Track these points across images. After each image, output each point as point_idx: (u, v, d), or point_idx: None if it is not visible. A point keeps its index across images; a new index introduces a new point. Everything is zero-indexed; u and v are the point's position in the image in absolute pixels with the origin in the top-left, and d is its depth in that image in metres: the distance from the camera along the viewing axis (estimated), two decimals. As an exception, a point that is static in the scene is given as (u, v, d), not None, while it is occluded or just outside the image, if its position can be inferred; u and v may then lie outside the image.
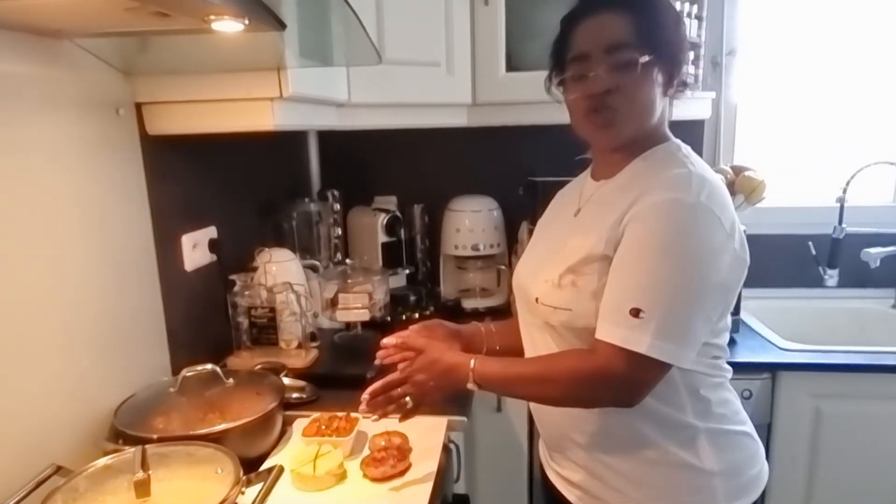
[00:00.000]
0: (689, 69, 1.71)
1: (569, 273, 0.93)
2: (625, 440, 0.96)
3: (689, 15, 1.70)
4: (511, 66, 1.72)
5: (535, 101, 1.71)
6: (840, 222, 1.93)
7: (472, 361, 0.95)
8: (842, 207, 1.92)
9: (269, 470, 0.89)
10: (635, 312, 0.84)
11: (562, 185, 1.63)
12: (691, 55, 0.99)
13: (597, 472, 0.99)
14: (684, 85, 0.98)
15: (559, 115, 1.71)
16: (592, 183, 1.04)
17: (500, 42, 1.70)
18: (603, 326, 0.87)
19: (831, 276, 1.98)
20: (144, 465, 0.85)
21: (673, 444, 0.95)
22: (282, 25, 0.87)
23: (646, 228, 0.86)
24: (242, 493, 0.84)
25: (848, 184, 1.90)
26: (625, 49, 0.90)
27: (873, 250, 1.92)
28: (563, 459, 1.05)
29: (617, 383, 0.87)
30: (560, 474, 1.06)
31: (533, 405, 1.10)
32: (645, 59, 0.89)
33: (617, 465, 0.97)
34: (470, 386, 0.95)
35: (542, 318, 0.98)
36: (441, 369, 0.98)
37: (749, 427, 1.03)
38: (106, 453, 0.92)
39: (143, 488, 0.83)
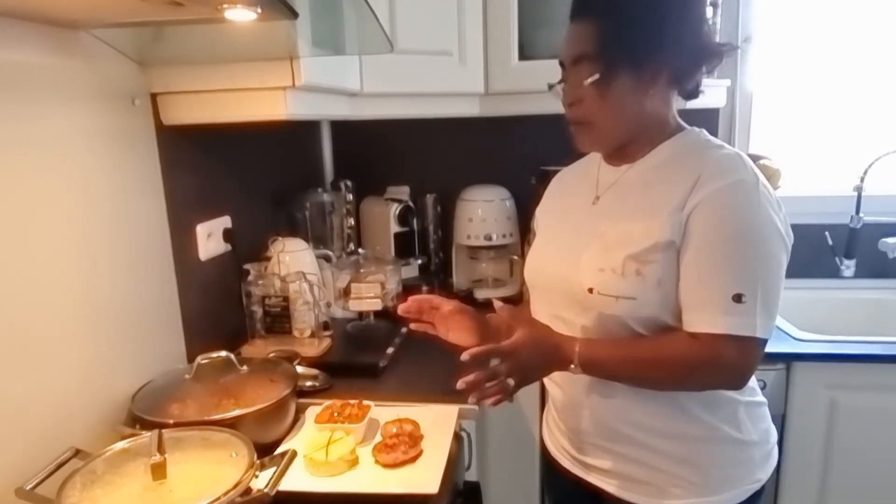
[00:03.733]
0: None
1: (632, 261, 0.91)
2: (673, 422, 0.96)
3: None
4: (524, 54, 1.71)
5: (547, 90, 1.72)
6: (857, 212, 1.90)
7: (578, 344, 0.92)
8: (859, 196, 1.90)
9: (283, 454, 0.90)
10: (737, 298, 0.86)
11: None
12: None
13: (642, 458, 0.98)
14: (693, 70, 0.96)
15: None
16: (610, 168, 1.03)
17: (512, 31, 1.69)
18: (705, 318, 0.87)
19: (848, 266, 1.96)
20: (161, 449, 0.86)
21: (719, 420, 0.97)
22: (294, 14, 0.87)
23: (719, 213, 0.87)
24: (256, 476, 0.85)
25: (866, 172, 1.88)
26: (585, 61, 0.92)
27: (891, 240, 1.90)
28: (599, 452, 1.03)
29: (730, 370, 0.90)
30: (595, 467, 1.04)
31: (559, 403, 1.08)
32: (593, 78, 0.91)
33: (665, 447, 0.97)
34: (573, 368, 0.92)
35: (597, 310, 0.95)
36: (544, 350, 0.93)
37: (764, 398, 1.07)
38: (123, 437, 0.94)
39: (159, 471, 0.84)
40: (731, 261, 0.87)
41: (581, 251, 0.98)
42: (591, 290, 0.94)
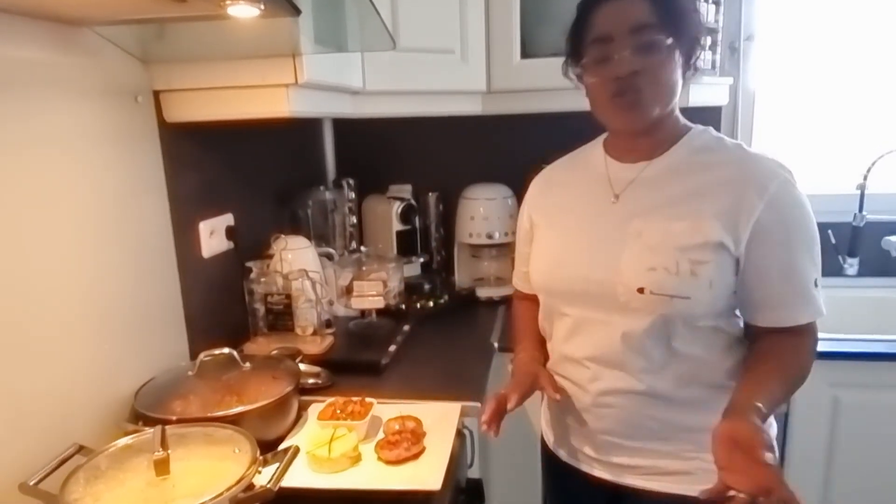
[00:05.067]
0: (706, 55, 1.70)
1: (685, 260, 0.91)
2: (699, 414, 0.96)
3: (706, 0, 1.68)
4: (526, 53, 1.71)
5: (550, 88, 1.72)
6: (860, 210, 1.90)
7: (751, 411, 0.84)
8: (862, 195, 1.89)
9: (286, 450, 0.90)
10: (815, 283, 0.94)
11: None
12: (708, 40, 1.00)
13: (672, 450, 0.99)
14: (696, 69, 0.99)
15: (574, 102, 1.70)
16: (623, 166, 1.02)
17: (514, 29, 1.68)
18: (803, 309, 0.94)
19: (851, 264, 1.95)
20: (164, 445, 0.86)
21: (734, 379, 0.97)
22: (297, 11, 0.87)
23: (782, 213, 0.91)
24: (259, 472, 0.85)
25: (869, 171, 1.87)
26: (649, 30, 0.90)
27: (895, 238, 1.90)
28: (625, 449, 1.02)
29: (816, 352, 0.97)
30: (620, 464, 1.03)
31: (583, 405, 1.04)
32: (669, 41, 0.91)
33: (693, 438, 0.97)
34: (768, 427, 0.86)
35: (646, 310, 0.94)
36: (747, 439, 0.79)
37: None
38: (126, 433, 0.94)
39: (162, 467, 0.85)
40: (809, 252, 0.93)
41: (617, 251, 0.96)
42: (641, 290, 0.93)
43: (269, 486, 0.83)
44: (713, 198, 0.92)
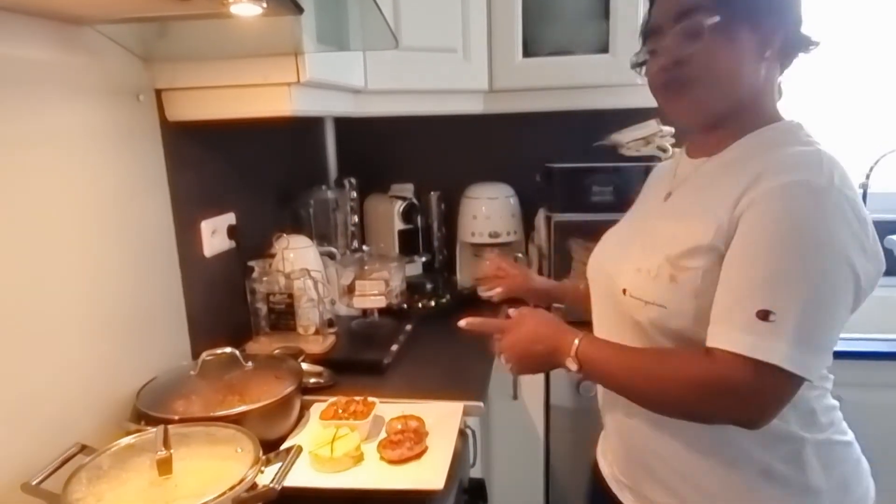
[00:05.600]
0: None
1: (667, 264, 0.81)
2: (721, 454, 0.83)
3: None
4: (528, 51, 1.71)
5: (552, 86, 1.72)
6: (863, 209, 1.89)
7: (577, 340, 0.84)
8: (865, 193, 1.89)
9: (288, 450, 0.90)
10: (763, 315, 0.70)
11: (579, 171, 1.64)
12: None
13: (683, 494, 0.86)
14: (797, 47, 0.85)
15: (576, 101, 1.72)
16: (688, 161, 0.93)
17: (516, 27, 1.68)
18: (722, 332, 0.74)
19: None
20: (166, 444, 0.86)
21: (776, 459, 0.82)
22: (299, 9, 0.87)
23: (770, 215, 0.73)
24: (262, 472, 0.85)
25: (871, 169, 1.87)
26: (693, 13, 0.80)
27: (897, 238, 1.89)
28: (642, 477, 0.92)
29: (742, 400, 0.73)
30: (640, 493, 0.93)
31: (610, 408, 0.98)
32: (713, 20, 0.78)
33: (709, 484, 0.84)
34: (569, 363, 0.84)
35: (628, 313, 0.87)
36: (543, 336, 0.88)
37: (852, 437, 0.91)
38: (129, 433, 0.94)
39: (164, 466, 0.84)
40: (768, 269, 0.72)
41: (629, 250, 0.91)
42: (624, 292, 0.87)
43: (271, 485, 0.82)
44: (719, 193, 0.80)
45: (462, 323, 0.93)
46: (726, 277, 0.76)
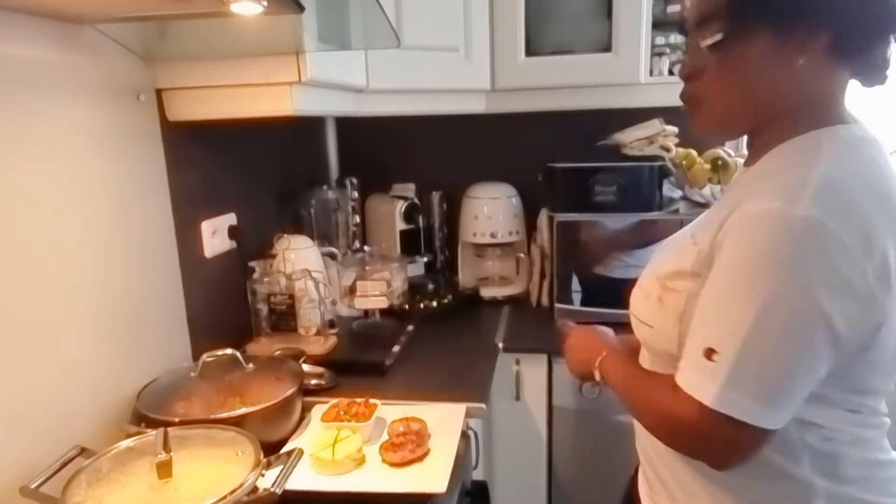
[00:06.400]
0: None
1: (658, 284, 0.79)
2: (719, 486, 0.77)
3: None
4: (530, 50, 1.70)
5: (554, 86, 1.72)
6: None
7: (601, 356, 0.88)
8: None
9: (289, 453, 0.89)
10: (709, 353, 0.67)
11: (582, 171, 1.63)
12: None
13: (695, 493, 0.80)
14: (863, 44, 0.71)
15: (578, 100, 1.71)
16: (741, 170, 0.85)
17: (519, 26, 1.67)
18: (681, 366, 0.72)
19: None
20: (166, 447, 0.85)
21: (784, 497, 0.75)
22: (300, 8, 0.86)
23: (733, 245, 0.68)
24: (263, 475, 0.84)
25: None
26: (710, 22, 0.72)
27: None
28: (660, 494, 0.87)
29: (695, 439, 0.71)
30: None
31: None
32: (715, 38, 0.71)
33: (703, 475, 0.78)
34: (595, 374, 0.88)
35: (636, 331, 0.87)
36: (584, 346, 0.94)
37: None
38: (129, 436, 0.93)
39: (165, 469, 0.83)
40: (718, 306, 0.69)
41: (647, 268, 0.88)
42: (628, 307, 0.87)
43: (273, 489, 0.82)
44: (712, 218, 0.74)
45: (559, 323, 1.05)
46: (696, 311, 0.72)
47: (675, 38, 1.64)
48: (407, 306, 1.70)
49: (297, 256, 1.50)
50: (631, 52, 1.62)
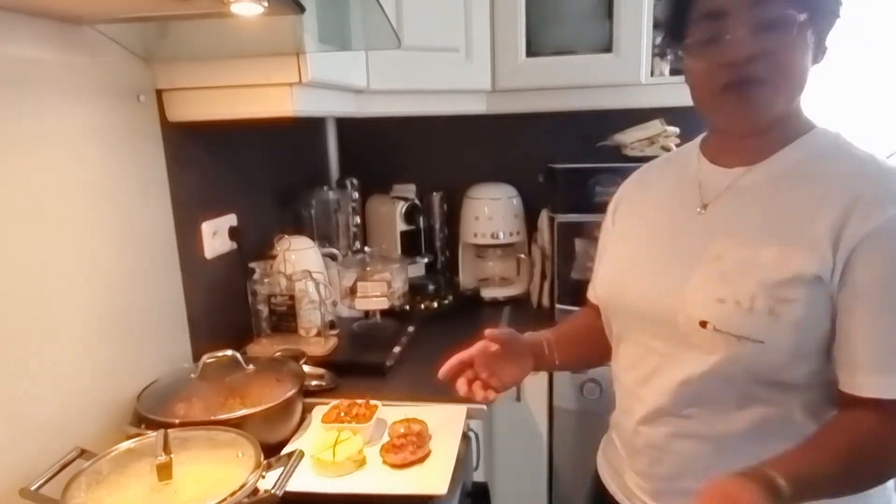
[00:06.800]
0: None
1: (764, 295, 0.73)
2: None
3: None
4: (531, 51, 1.70)
5: (555, 86, 1.71)
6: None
7: (776, 474, 0.66)
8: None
9: (290, 454, 0.89)
10: None
11: (582, 172, 1.63)
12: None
13: None
14: (825, 51, 0.79)
15: (580, 101, 1.71)
16: (719, 170, 0.85)
17: (520, 27, 1.67)
18: (872, 378, 0.71)
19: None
20: (167, 449, 0.85)
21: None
22: (301, 8, 0.86)
23: (891, 257, 0.70)
24: (263, 476, 0.84)
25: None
26: (776, 3, 0.72)
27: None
28: (671, 496, 0.85)
29: None
30: None
31: (638, 447, 0.88)
32: (803, 16, 0.71)
33: None
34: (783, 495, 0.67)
35: (708, 349, 0.77)
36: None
37: None
38: (129, 437, 0.93)
39: (165, 471, 0.83)
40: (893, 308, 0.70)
41: (687, 274, 0.80)
42: (703, 325, 0.76)
43: (273, 490, 0.82)
44: (815, 218, 0.73)
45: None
46: (871, 320, 0.71)
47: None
48: (407, 307, 1.70)
49: (298, 257, 1.50)
50: (632, 53, 1.62)
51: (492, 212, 1.90)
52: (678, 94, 0.81)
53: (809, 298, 0.72)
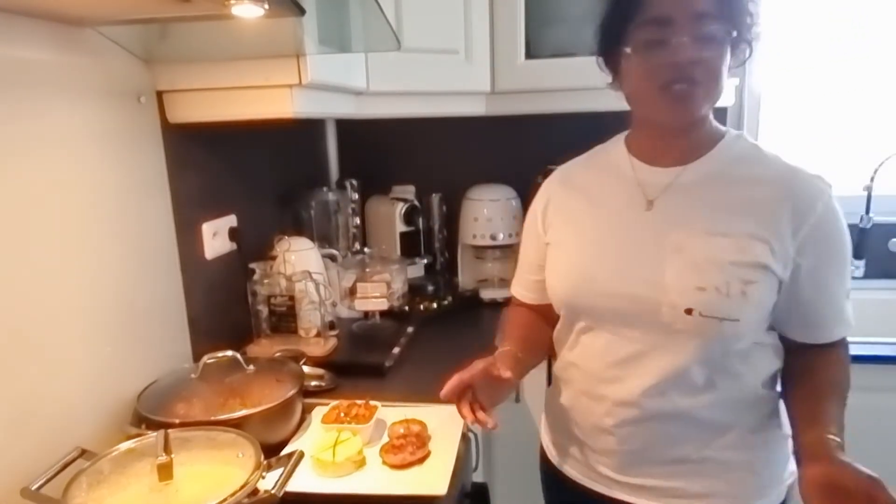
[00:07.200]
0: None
1: (736, 280, 0.86)
2: (732, 433, 0.93)
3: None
4: (530, 53, 1.70)
5: (554, 88, 1.72)
6: (867, 212, 1.89)
7: (824, 434, 0.82)
8: (869, 196, 1.88)
9: (290, 455, 0.89)
10: (847, 295, 0.93)
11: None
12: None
13: (702, 471, 0.94)
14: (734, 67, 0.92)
15: (579, 103, 1.71)
16: (657, 169, 0.95)
17: (519, 29, 1.68)
18: (838, 326, 0.93)
19: (857, 266, 1.94)
20: (167, 449, 0.85)
21: (769, 419, 0.96)
22: (301, 11, 0.86)
23: (837, 233, 0.89)
24: (263, 477, 0.84)
25: (876, 172, 1.86)
26: (712, 20, 0.84)
27: (901, 240, 1.89)
28: (646, 472, 0.96)
29: None
30: (641, 486, 0.97)
31: (608, 425, 0.96)
32: (734, 33, 0.86)
33: (724, 457, 0.93)
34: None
35: (691, 333, 0.88)
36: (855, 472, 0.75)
37: None
38: (129, 437, 0.93)
39: (165, 471, 0.84)
40: (845, 269, 0.92)
41: (658, 267, 0.89)
42: (689, 312, 0.86)
43: (273, 491, 0.82)
44: (759, 216, 0.87)
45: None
46: (822, 287, 0.90)
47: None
48: (407, 308, 1.70)
49: (298, 258, 1.50)
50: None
51: (491, 213, 1.90)
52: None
53: (766, 279, 0.87)
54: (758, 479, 0.96)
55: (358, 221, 1.90)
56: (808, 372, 0.92)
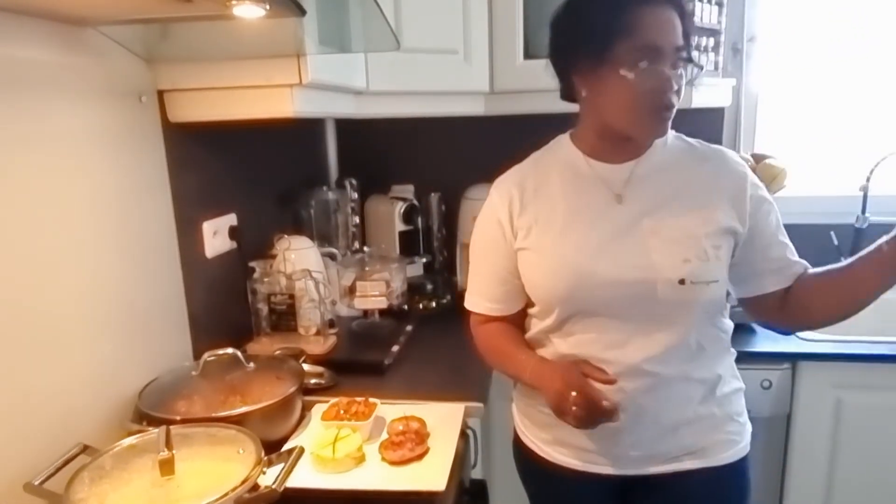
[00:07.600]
0: (709, 56, 1.72)
1: (710, 247, 0.98)
2: (718, 379, 1.05)
3: (709, 0, 1.68)
4: (529, 53, 1.71)
5: (553, 89, 1.71)
6: (863, 212, 1.90)
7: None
8: (865, 196, 1.89)
9: (290, 451, 0.90)
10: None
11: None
12: (711, 41, 1.05)
13: (698, 431, 1.04)
14: None
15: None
16: (614, 166, 1.03)
17: (517, 29, 1.68)
18: (797, 263, 1.06)
19: (854, 266, 1.94)
20: (168, 445, 0.86)
21: (733, 373, 1.10)
22: (302, 11, 0.87)
23: (762, 189, 1.04)
24: (264, 473, 0.85)
25: (872, 172, 1.87)
26: (683, 51, 0.94)
27: (897, 240, 1.89)
28: (645, 442, 1.02)
29: None
30: (643, 457, 1.03)
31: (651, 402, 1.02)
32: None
33: (710, 411, 1.04)
34: None
35: (685, 301, 0.98)
36: None
37: None
38: (131, 434, 0.94)
39: (167, 467, 0.84)
40: (779, 218, 1.07)
41: (644, 250, 0.97)
42: (682, 282, 0.96)
43: (274, 486, 0.83)
44: (713, 189, 1.00)
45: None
46: (775, 239, 1.04)
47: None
48: (406, 307, 1.71)
49: (298, 257, 1.51)
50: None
51: (490, 212, 1.91)
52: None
53: (727, 242, 1.00)
54: (739, 426, 1.08)
55: (357, 220, 1.90)
56: (804, 282, 1.05)
